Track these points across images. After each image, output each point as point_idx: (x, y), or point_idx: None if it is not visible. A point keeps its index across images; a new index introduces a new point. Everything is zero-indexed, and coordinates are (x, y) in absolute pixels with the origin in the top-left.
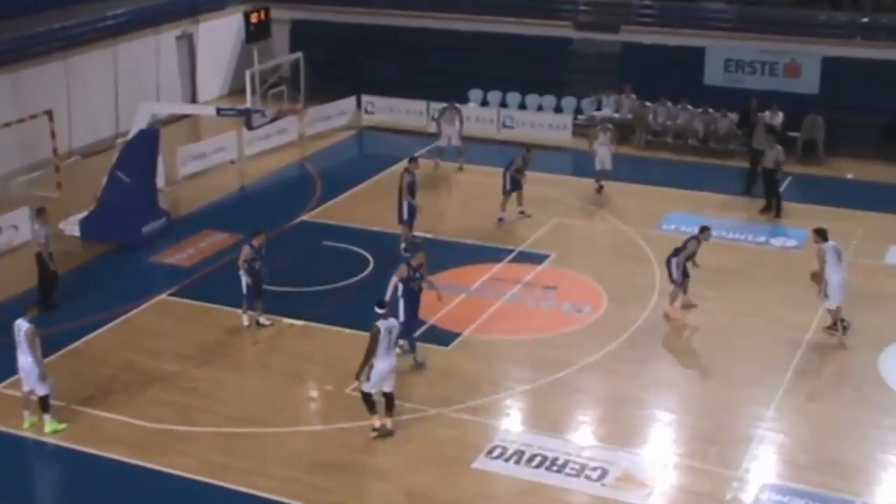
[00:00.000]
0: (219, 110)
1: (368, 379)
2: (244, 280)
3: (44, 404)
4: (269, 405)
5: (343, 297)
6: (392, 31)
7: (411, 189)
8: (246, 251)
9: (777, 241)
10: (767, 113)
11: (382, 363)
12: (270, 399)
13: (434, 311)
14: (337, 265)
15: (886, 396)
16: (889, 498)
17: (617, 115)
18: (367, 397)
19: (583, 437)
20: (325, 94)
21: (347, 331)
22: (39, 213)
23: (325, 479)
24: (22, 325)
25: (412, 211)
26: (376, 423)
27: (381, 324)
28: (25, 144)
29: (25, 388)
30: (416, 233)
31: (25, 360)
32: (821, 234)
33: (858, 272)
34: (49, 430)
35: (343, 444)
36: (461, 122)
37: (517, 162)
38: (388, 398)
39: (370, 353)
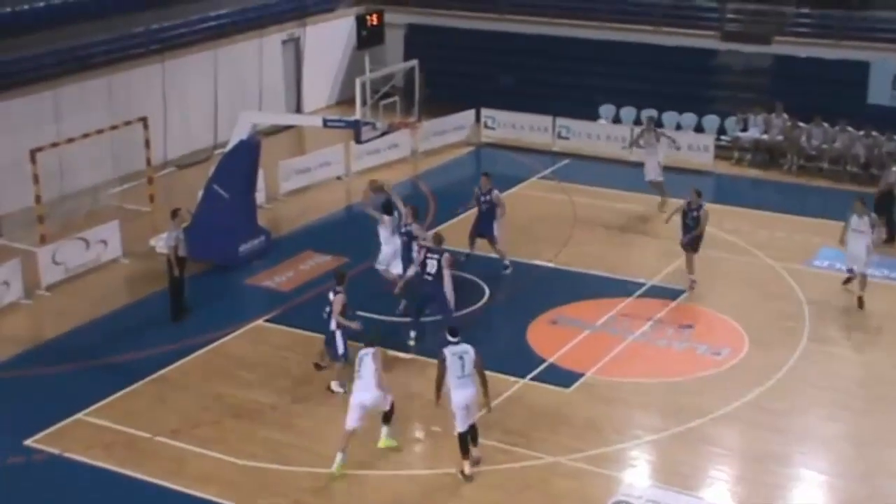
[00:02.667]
0: (326, 122)
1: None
2: (339, 339)
3: (387, 417)
4: (373, 446)
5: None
6: (517, 39)
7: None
8: (340, 301)
9: None
10: None
11: (457, 395)
12: (372, 438)
13: (553, 350)
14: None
15: None
16: None
17: (766, 137)
18: (462, 443)
19: (718, 496)
20: (442, 106)
21: None
22: (174, 214)
23: None
24: (364, 358)
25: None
26: (466, 468)
27: (447, 350)
28: (118, 154)
29: (352, 424)
30: (538, 261)
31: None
32: None
33: None
34: (383, 444)
35: (450, 492)
36: (660, 150)
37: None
38: (474, 431)
39: (440, 378)
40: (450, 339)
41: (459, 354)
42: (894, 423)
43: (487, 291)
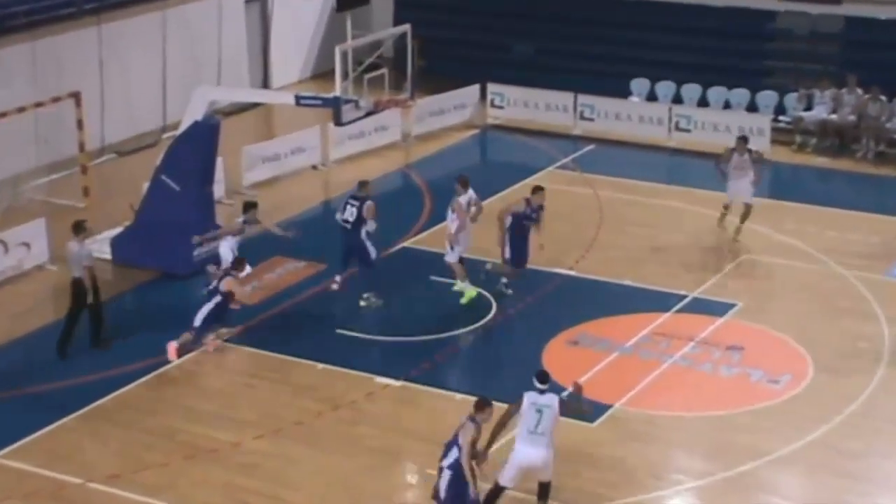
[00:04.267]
0: (299, 99)
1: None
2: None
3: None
4: (353, 492)
5: (455, 350)
6: (530, 1)
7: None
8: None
9: None
10: None
11: (523, 450)
12: (355, 485)
13: (574, 376)
14: (447, 307)
15: None
16: None
17: (835, 117)
18: (493, 493)
19: None
20: (440, 80)
21: (460, 396)
22: (77, 229)
23: None
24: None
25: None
26: None
27: (527, 395)
28: (44, 137)
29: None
30: (557, 269)
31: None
32: None
33: None
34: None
35: None
36: (757, 171)
37: None
38: (543, 488)
39: (500, 425)
40: (537, 384)
41: (539, 406)
42: None
43: (495, 305)
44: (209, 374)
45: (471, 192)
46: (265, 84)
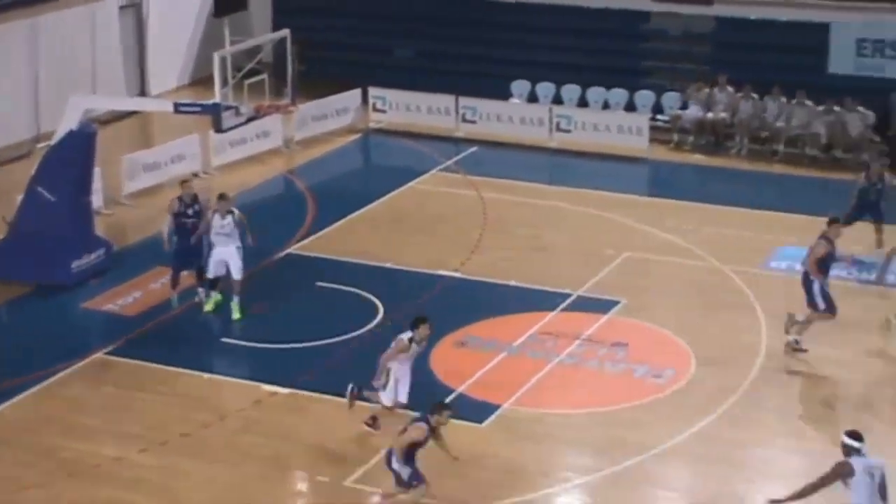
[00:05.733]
0: (177, 106)
1: None
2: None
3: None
4: (243, 502)
5: (343, 356)
6: (411, 3)
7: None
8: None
9: None
10: None
11: None
12: (244, 495)
13: (462, 378)
14: (334, 313)
15: None
16: None
17: (709, 116)
18: None
19: None
20: (321, 85)
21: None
22: None
23: None
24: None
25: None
26: None
27: (856, 462)
28: None
29: None
30: (442, 272)
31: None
32: None
33: None
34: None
35: None
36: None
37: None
38: None
39: (811, 489)
40: (853, 444)
41: (870, 470)
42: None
43: (381, 309)
44: (90, 389)
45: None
46: (142, 91)
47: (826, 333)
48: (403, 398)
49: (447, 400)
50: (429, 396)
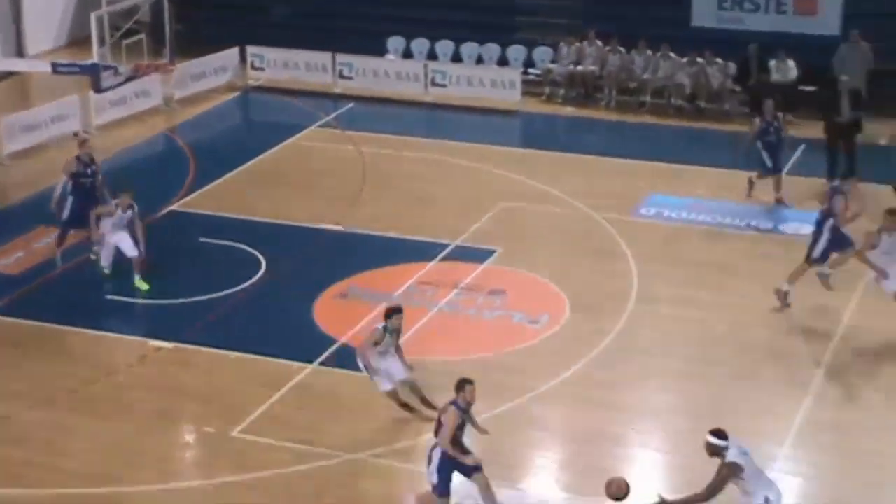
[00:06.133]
0: (56, 67)
1: None
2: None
3: None
4: (132, 456)
5: (227, 310)
6: None
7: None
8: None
9: (789, 228)
10: (773, 63)
11: (773, 492)
12: (133, 448)
13: (345, 329)
14: (218, 268)
15: None
16: None
17: (579, 69)
18: None
19: (543, 485)
20: (199, 44)
21: (233, 354)
22: None
23: None
24: None
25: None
26: None
27: (733, 455)
28: None
29: None
30: (323, 225)
31: None
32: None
33: None
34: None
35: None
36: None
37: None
38: None
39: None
40: (719, 443)
41: (744, 451)
42: (734, 387)
43: (264, 263)
44: None
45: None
46: (19, 53)
47: (703, 277)
48: (401, 375)
49: (408, 376)
50: (313, 346)
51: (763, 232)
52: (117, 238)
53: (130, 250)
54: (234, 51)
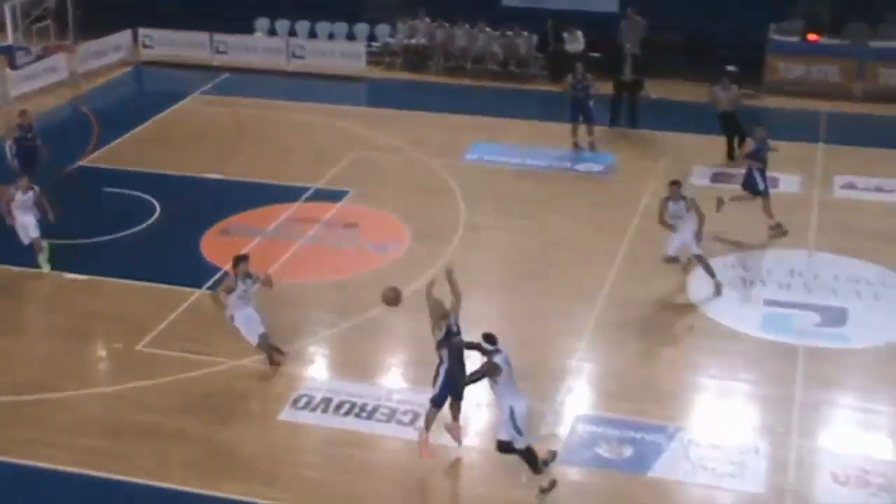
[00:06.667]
0: None
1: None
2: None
3: None
4: (55, 369)
5: (129, 247)
6: None
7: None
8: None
9: (582, 167)
10: (566, 34)
11: (521, 403)
12: (55, 362)
13: (228, 259)
14: (121, 213)
15: (696, 319)
16: (702, 420)
17: (412, 42)
18: (530, 455)
19: (392, 380)
20: (97, 27)
21: (136, 283)
22: None
23: (121, 443)
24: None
25: None
26: (545, 482)
27: (498, 358)
28: None
29: None
30: (206, 175)
31: None
32: (678, 185)
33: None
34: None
35: (139, 405)
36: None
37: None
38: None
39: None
40: (489, 347)
41: (507, 360)
42: (541, 297)
43: (158, 208)
44: None
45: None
46: None
47: (516, 209)
48: (261, 329)
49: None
50: (201, 274)
51: (562, 171)
52: (24, 220)
53: (33, 230)
54: (128, 32)
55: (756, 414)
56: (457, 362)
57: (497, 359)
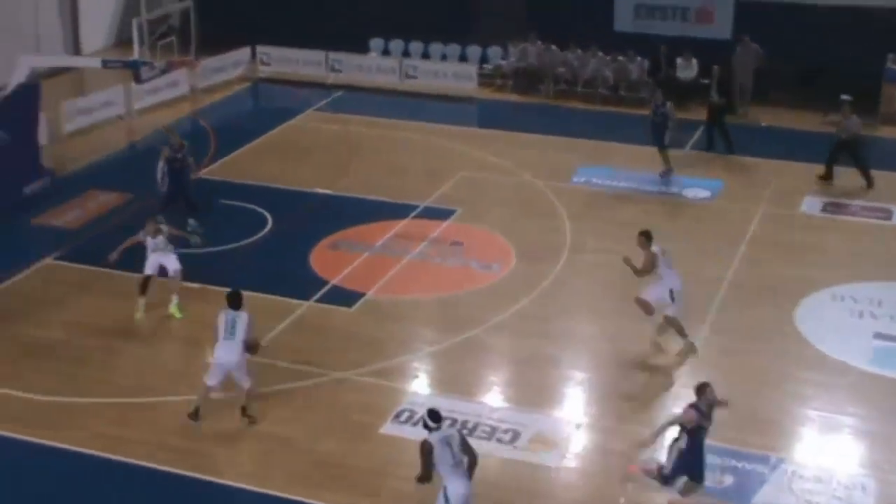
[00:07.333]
0: (105, 62)
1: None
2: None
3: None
4: (167, 374)
5: (241, 257)
6: None
7: None
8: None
9: (690, 193)
10: (680, 60)
11: (457, 486)
12: (168, 367)
13: (336, 273)
14: (234, 224)
15: (803, 349)
16: (806, 452)
17: (524, 64)
18: None
19: (494, 398)
20: (218, 44)
21: (246, 293)
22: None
23: (226, 448)
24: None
25: None
26: None
27: (432, 437)
28: None
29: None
30: (317, 189)
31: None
32: (646, 237)
33: (772, 223)
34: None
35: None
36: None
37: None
38: None
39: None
40: (430, 424)
41: (446, 440)
42: (645, 319)
43: (270, 220)
44: (43, 287)
45: None
46: (76, 51)
47: (621, 232)
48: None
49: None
50: (309, 287)
51: (670, 196)
52: (164, 261)
53: (172, 264)
54: (247, 49)
55: (863, 450)
56: None
57: (432, 437)
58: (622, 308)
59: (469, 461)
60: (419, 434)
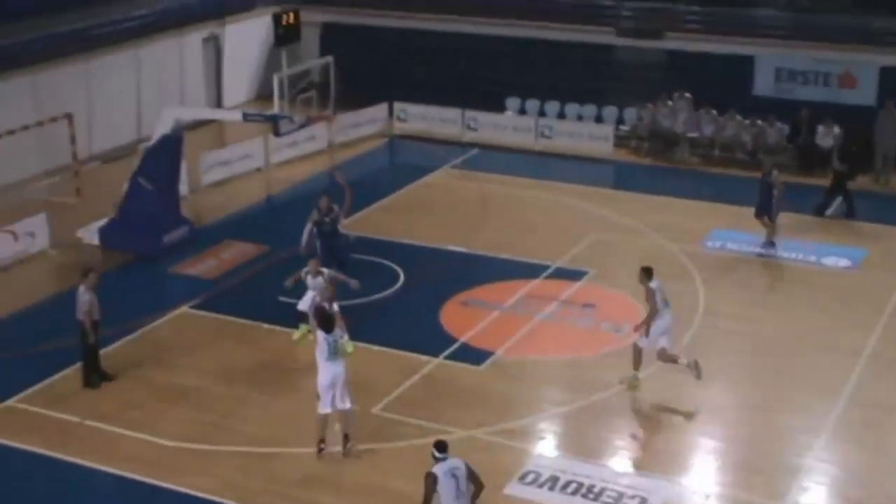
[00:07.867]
0: (245, 115)
1: None
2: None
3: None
4: (293, 425)
5: (372, 313)
6: (427, 35)
7: None
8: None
9: (829, 261)
10: (821, 127)
11: None
12: (294, 418)
13: (465, 330)
14: (366, 279)
15: None
16: None
17: (660, 127)
18: None
19: (620, 463)
20: (356, 100)
21: (375, 348)
22: (85, 274)
23: (350, 500)
24: None
25: None
26: None
27: (438, 468)
28: (44, 149)
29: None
30: (450, 247)
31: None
32: (647, 273)
33: None
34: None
35: (367, 467)
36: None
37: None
38: None
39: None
40: (437, 454)
41: (452, 472)
42: (780, 389)
43: (402, 276)
44: (177, 335)
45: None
46: (218, 104)
47: (755, 297)
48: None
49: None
50: (439, 344)
51: (808, 264)
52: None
53: (303, 304)
54: (384, 106)
55: None
56: None
57: (436, 468)
58: (756, 376)
59: (475, 489)
60: (544, 496)
